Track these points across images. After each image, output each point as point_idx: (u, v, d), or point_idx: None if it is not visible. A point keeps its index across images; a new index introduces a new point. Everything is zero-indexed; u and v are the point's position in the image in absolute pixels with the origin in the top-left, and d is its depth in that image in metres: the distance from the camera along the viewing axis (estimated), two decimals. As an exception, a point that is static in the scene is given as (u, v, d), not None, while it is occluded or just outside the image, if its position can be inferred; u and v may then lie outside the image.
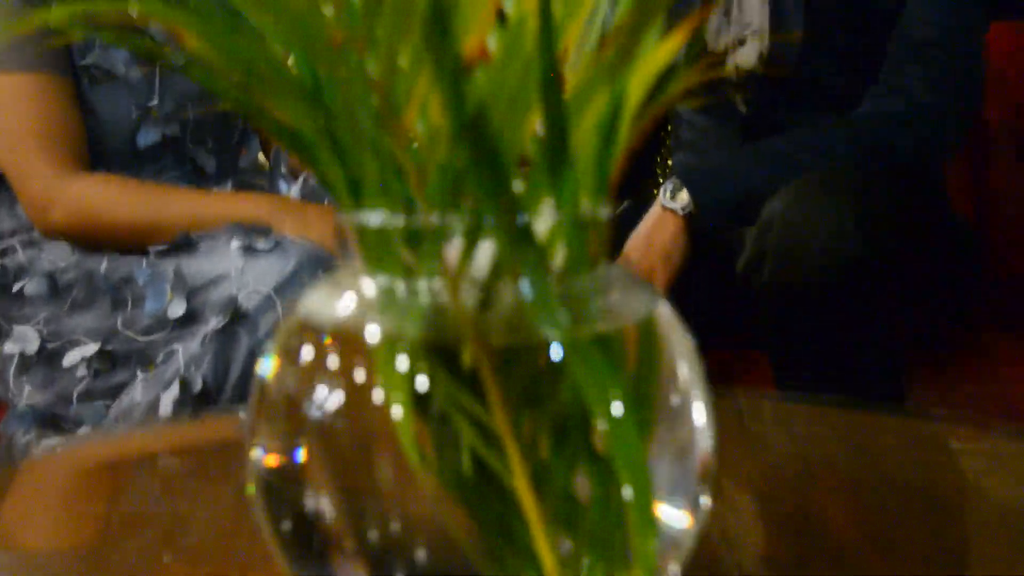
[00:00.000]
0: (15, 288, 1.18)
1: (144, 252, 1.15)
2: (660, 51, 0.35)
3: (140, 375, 1.09)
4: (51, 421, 1.15)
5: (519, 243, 0.35)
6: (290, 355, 0.38)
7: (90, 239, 1.17)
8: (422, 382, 0.35)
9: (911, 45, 1.23)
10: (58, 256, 1.18)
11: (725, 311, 1.24)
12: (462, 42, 0.33)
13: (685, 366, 0.39)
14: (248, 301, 1.06)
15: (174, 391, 1.03)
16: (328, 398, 0.36)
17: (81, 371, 1.12)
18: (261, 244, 1.09)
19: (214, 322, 1.05)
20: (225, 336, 1.05)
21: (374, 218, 0.35)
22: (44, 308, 1.17)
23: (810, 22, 1.26)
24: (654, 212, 1.21)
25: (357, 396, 0.36)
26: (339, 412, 0.36)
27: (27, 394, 1.17)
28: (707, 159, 1.34)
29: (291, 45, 0.34)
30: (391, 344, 0.35)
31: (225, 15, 0.34)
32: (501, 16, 0.36)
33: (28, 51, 1.15)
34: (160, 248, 1.14)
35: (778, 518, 0.56)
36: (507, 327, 0.35)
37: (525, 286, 0.35)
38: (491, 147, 0.34)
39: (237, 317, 1.05)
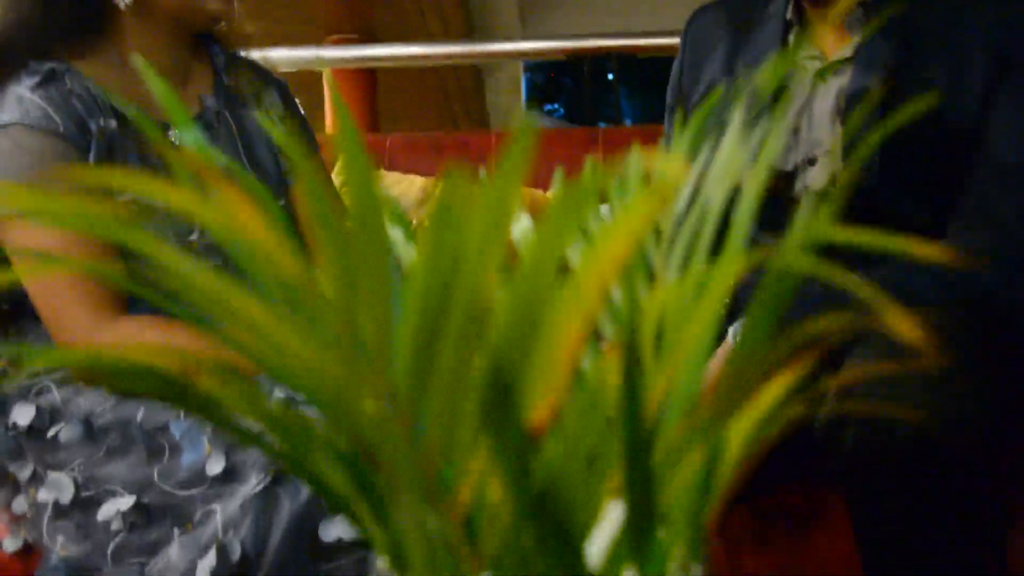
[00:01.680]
0: (50, 433, 1.14)
1: (183, 399, 1.10)
2: (762, 399, 0.30)
3: (177, 533, 1.04)
4: (85, 574, 1.10)
5: (598, 634, 0.29)
6: None
7: None
8: None
9: (999, 171, 1.13)
10: (94, 400, 1.14)
11: (797, 454, 1.16)
12: (529, 412, 0.27)
13: None
14: (290, 459, 1.00)
15: (211, 559, 0.97)
16: None
17: (116, 524, 1.07)
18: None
19: (254, 481, 1.00)
20: (266, 498, 0.99)
21: (423, 595, 0.30)
22: (79, 454, 1.13)
23: (886, 142, 1.16)
24: (721, 352, 1.13)
25: None
26: None
27: (61, 544, 1.12)
28: None
29: (326, 414, 0.28)
30: None
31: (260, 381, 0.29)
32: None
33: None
34: (199, 396, 1.09)
35: None
36: None
37: None
38: (561, 524, 0.28)
39: (278, 477, 1.00)
